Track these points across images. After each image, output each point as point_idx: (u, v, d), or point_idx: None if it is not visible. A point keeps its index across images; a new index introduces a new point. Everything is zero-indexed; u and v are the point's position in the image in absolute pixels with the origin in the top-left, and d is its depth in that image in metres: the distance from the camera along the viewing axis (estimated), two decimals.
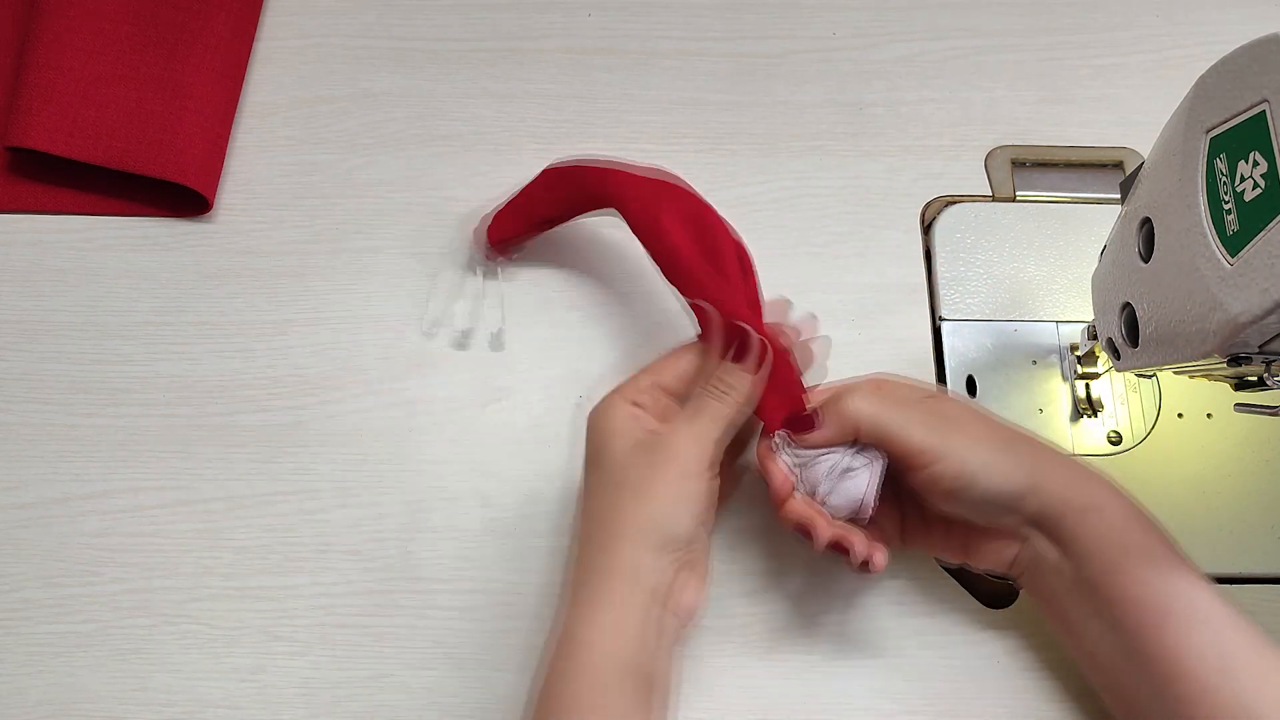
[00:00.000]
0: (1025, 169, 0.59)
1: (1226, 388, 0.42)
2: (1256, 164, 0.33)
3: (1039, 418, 0.52)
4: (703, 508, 0.42)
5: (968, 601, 0.49)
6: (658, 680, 0.41)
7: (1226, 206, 0.34)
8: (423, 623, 0.49)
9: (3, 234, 0.57)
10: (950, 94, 0.61)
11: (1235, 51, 0.34)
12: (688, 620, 0.42)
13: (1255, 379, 0.40)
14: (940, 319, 0.55)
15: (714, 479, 0.42)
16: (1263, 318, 0.33)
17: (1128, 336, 0.42)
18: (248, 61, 0.61)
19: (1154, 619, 0.40)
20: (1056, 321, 0.55)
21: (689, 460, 0.41)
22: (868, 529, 0.44)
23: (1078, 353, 0.53)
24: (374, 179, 0.58)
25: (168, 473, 0.51)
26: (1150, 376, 0.53)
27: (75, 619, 0.49)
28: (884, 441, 0.42)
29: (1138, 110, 0.61)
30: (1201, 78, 0.36)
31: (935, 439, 0.42)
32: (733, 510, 0.50)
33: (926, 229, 0.58)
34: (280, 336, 0.54)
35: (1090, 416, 0.53)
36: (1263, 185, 0.32)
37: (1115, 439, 0.52)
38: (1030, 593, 0.46)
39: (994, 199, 0.58)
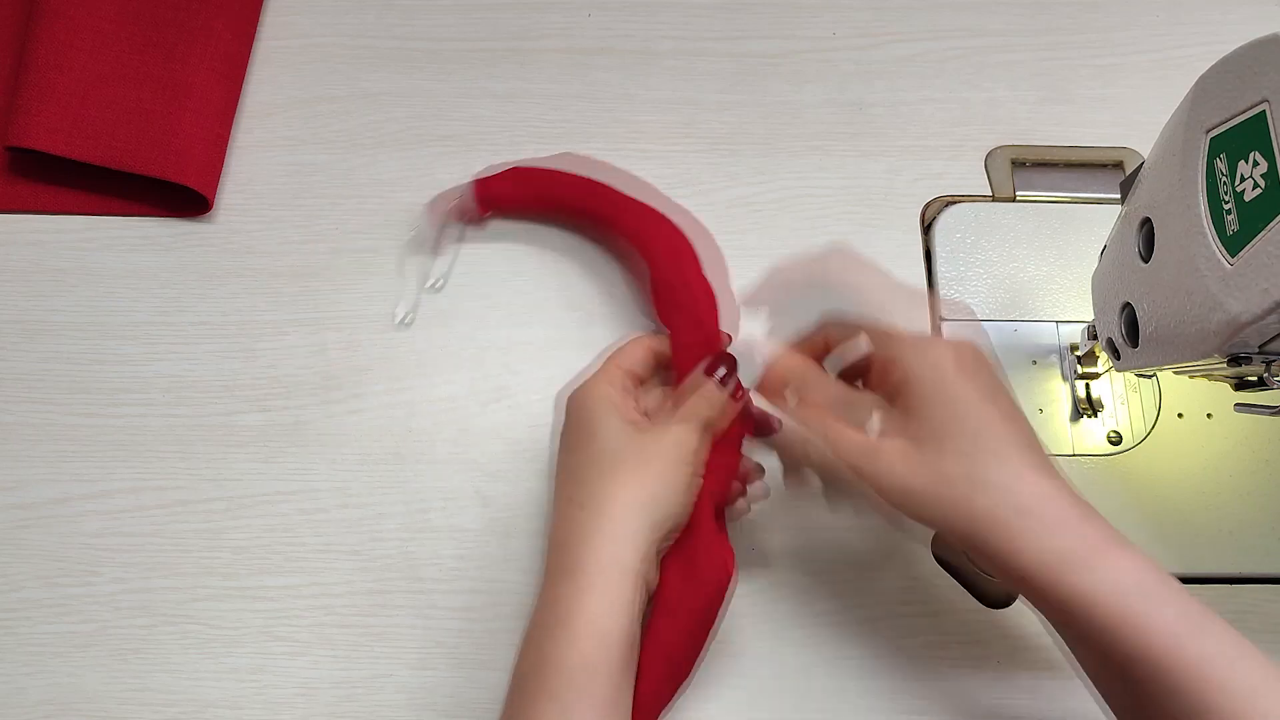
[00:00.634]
0: (1025, 169, 0.59)
1: (1226, 388, 0.42)
2: (1256, 164, 0.33)
3: (1039, 418, 0.52)
4: (692, 497, 0.43)
5: (968, 601, 0.49)
6: (636, 646, 0.41)
7: (1226, 206, 0.34)
8: (422, 623, 0.49)
9: (3, 234, 0.57)
10: (950, 94, 0.61)
11: (1235, 51, 0.34)
12: (649, 591, 0.43)
13: (1255, 379, 0.40)
14: (940, 319, 0.55)
15: (698, 474, 0.43)
16: (1263, 318, 0.33)
17: (1128, 336, 0.42)
18: (248, 61, 0.61)
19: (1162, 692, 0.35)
20: (1056, 321, 0.55)
21: (685, 449, 0.42)
22: None
23: (1078, 353, 0.53)
24: (374, 179, 0.58)
25: (168, 473, 0.51)
26: (1150, 376, 0.53)
27: (75, 619, 0.49)
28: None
29: (1138, 110, 0.61)
30: (1201, 78, 0.36)
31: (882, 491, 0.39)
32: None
33: (926, 229, 0.58)
34: (280, 336, 0.54)
35: (1090, 416, 0.53)
36: (1263, 185, 0.32)
37: (1115, 439, 0.52)
38: None
39: (994, 199, 0.58)
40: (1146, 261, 0.40)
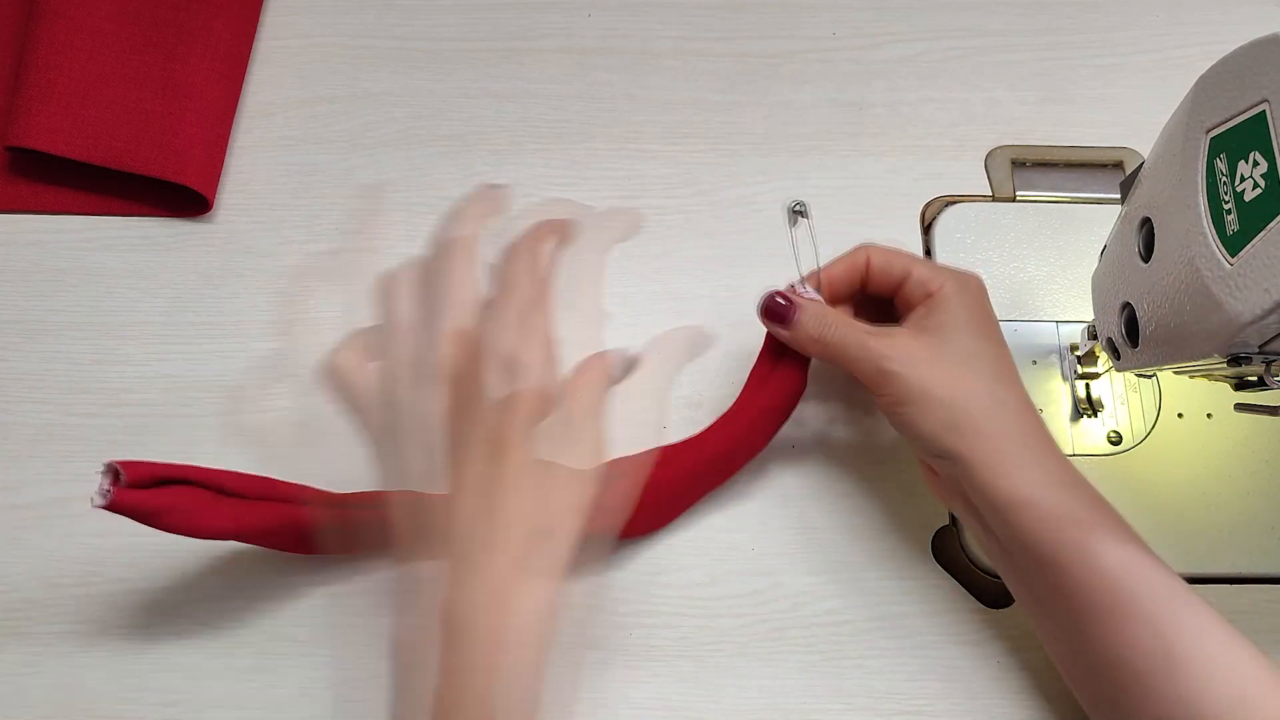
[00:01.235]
0: (1025, 169, 0.59)
1: (1226, 388, 0.42)
2: (1256, 164, 0.33)
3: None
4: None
5: (968, 601, 0.49)
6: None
7: (1226, 206, 0.34)
8: None
9: (3, 234, 0.57)
10: (950, 94, 0.61)
11: (1235, 51, 0.34)
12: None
13: (1255, 379, 0.40)
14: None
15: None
16: (1263, 318, 0.33)
17: (1128, 336, 0.42)
18: (248, 61, 0.61)
19: (1091, 616, 0.39)
20: (1056, 321, 0.55)
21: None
22: None
23: (1078, 353, 0.53)
24: (374, 179, 0.58)
25: None
26: (1150, 376, 0.53)
27: (75, 619, 0.49)
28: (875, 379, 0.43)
29: (1138, 110, 0.61)
30: (1201, 78, 0.36)
31: (897, 381, 0.43)
32: (732, 509, 0.50)
33: (926, 229, 0.58)
34: (280, 336, 0.54)
35: (1090, 416, 0.53)
36: (1263, 185, 0.32)
37: (1115, 439, 0.52)
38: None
39: (994, 199, 0.58)
40: (1146, 261, 0.40)
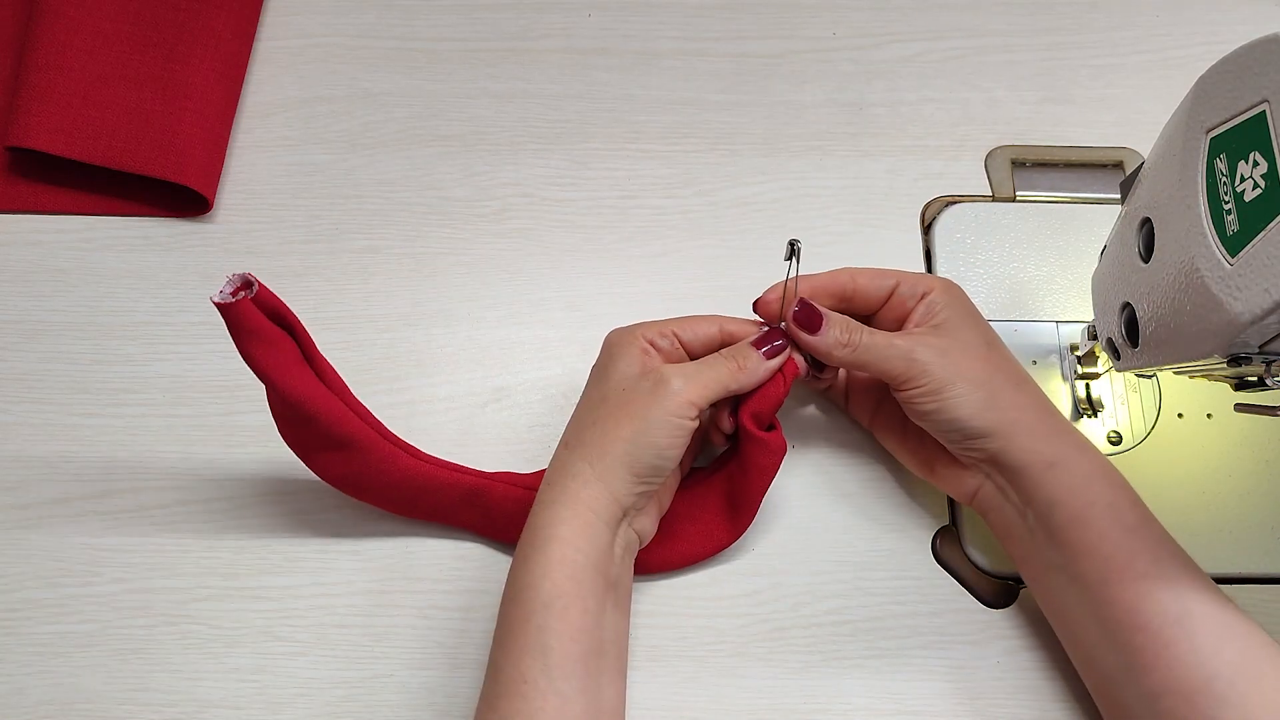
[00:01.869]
0: (1025, 169, 0.59)
1: (1226, 388, 0.42)
2: (1256, 164, 0.33)
3: None
4: (683, 448, 0.44)
5: (968, 601, 0.49)
6: (620, 587, 0.44)
7: (1226, 206, 0.34)
8: (423, 623, 0.49)
9: (3, 234, 0.57)
10: (950, 94, 0.61)
11: (1235, 51, 0.34)
12: (642, 542, 0.46)
13: (1255, 379, 0.40)
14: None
15: (696, 424, 0.44)
16: (1263, 318, 0.33)
17: (1128, 336, 0.42)
18: (248, 61, 0.61)
19: (1115, 573, 0.41)
20: (1056, 321, 0.55)
21: (679, 400, 0.43)
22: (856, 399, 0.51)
23: (1078, 353, 0.53)
24: (374, 179, 0.58)
25: (168, 473, 0.51)
26: (1150, 376, 0.53)
27: (75, 619, 0.49)
28: (898, 376, 0.45)
29: (1138, 110, 0.61)
30: (1201, 78, 0.36)
31: (931, 370, 0.44)
32: None
33: (926, 229, 0.58)
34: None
35: (1090, 416, 0.53)
36: (1263, 185, 0.32)
37: (1115, 439, 0.52)
38: (994, 533, 0.47)
39: (994, 199, 0.58)
40: (1146, 261, 0.40)
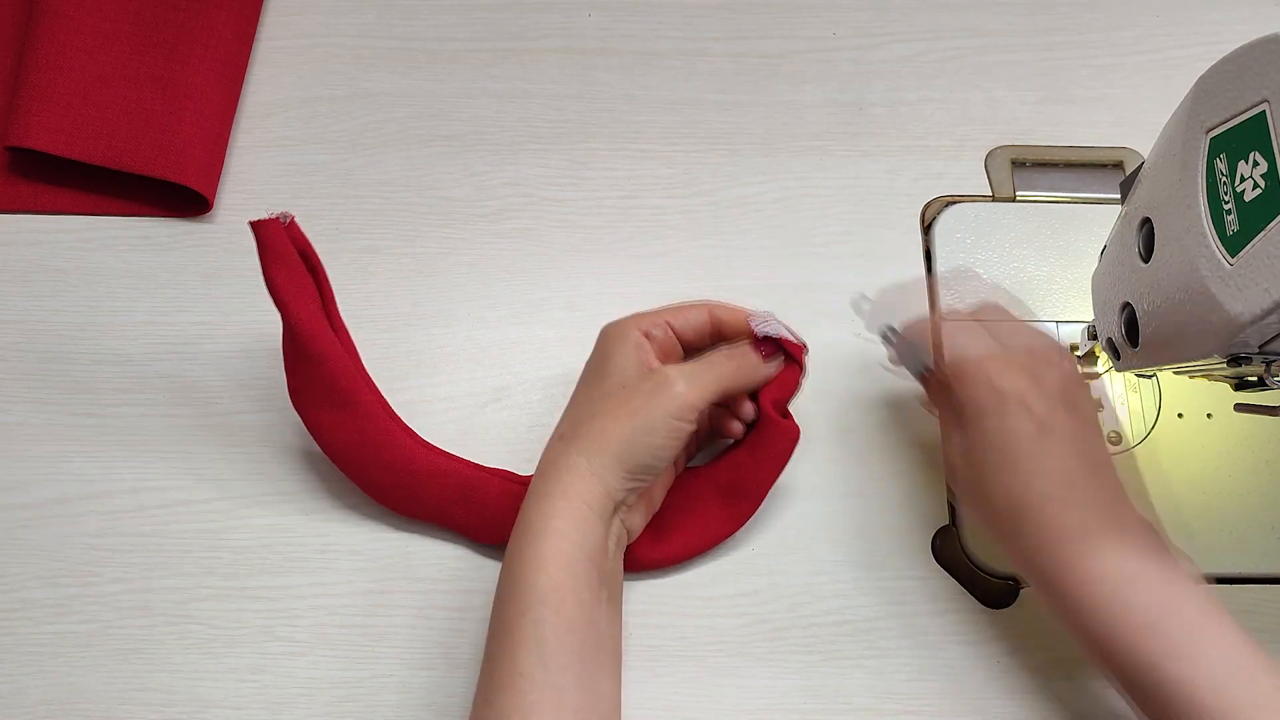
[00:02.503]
0: (1025, 169, 0.59)
1: (1226, 388, 0.42)
2: (1256, 164, 0.33)
3: None
4: (679, 449, 0.44)
5: (968, 601, 0.49)
6: (613, 581, 0.45)
7: (1226, 206, 0.34)
8: (422, 623, 0.49)
9: (3, 234, 0.57)
10: (950, 94, 0.61)
11: (1235, 51, 0.34)
12: (631, 538, 0.47)
13: (1255, 379, 0.40)
14: (940, 319, 0.55)
15: (694, 426, 0.44)
16: (1263, 318, 0.33)
17: (1128, 336, 0.42)
18: (248, 61, 0.61)
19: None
20: (1056, 321, 0.55)
21: (686, 405, 0.43)
22: None
23: (1078, 353, 0.53)
24: (374, 179, 0.58)
25: (168, 473, 0.51)
26: (1150, 376, 0.53)
27: (75, 619, 0.49)
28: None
29: (1138, 110, 0.61)
30: (1201, 78, 0.36)
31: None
32: None
33: (926, 229, 0.58)
34: (281, 336, 0.54)
35: None
36: (1263, 185, 0.32)
37: (1115, 439, 0.52)
38: None
39: (994, 199, 0.58)
40: (1146, 261, 0.40)
